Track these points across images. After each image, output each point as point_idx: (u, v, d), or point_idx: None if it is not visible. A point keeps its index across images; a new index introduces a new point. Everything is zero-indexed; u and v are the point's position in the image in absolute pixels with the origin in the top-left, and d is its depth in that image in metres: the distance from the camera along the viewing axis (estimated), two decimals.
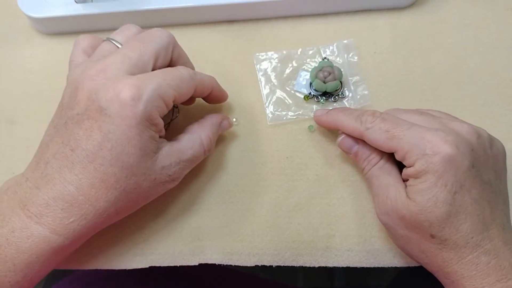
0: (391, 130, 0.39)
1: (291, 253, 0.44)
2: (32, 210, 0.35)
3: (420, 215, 0.36)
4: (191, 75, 0.40)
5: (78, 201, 0.35)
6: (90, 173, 0.35)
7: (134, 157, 0.35)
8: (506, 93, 0.49)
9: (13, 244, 0.34)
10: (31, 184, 0.36)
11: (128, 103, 0.34)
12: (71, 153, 0.35)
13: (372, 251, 0.44)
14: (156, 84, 0.36)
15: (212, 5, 0.51)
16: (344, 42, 0.51)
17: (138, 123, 0.35)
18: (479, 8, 0.53)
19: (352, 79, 0.50)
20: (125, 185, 0.36)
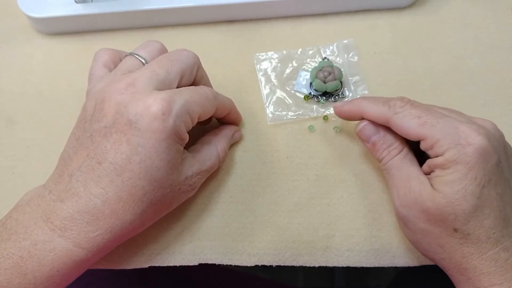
0: (423, 116, 0.38)
1: (291, 253, 0.44)
2: (56, 223, 0.34)
3: (447, 208, 0.35)
4: (214, 95, 0.40)
5: (104, 215, 0.34)
6: (117, 186, 0.34)
7: (162, 170, 0.35)
8: (506, 93, 0.49)
9: (35, 257, 0.34)
10: (54, 196, 0.35)
11: (159, 117, 0.34)
12: (98, 166, 0.35)
13: (372, 251, 0.44)
14: (184, 100, 0.36)
15: (212, 5, 0.51)
16: (344, 42, 0.51)
17: (167, 137, 0.35)
18: (479, 8, 0.53)
19: (352, 79, 0.50)
20: (152, 197, 0.36)
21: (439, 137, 0.36)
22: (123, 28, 0.54)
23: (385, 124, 0.41)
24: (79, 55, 0.53)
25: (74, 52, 0.53)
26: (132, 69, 0.39)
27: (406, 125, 0.38)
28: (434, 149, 0.37)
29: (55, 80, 0.52)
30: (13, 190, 0.48)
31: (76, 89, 0.51)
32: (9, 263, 0.34)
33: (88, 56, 0.52)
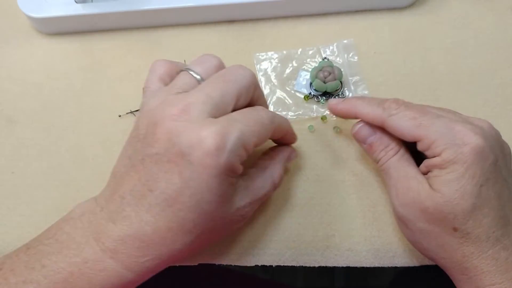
0: (418, 118, 0.38)
1: (291, 253, 0.44)
2: (107, 244, 0.34)
3: (445, 207, 0.35)
4: (271, 118, 0.38)
5: (154, 242, 0.34)
6: (168, 216, 0.34)
7: (213, 204, 0.34)
8: (506, 93, 0.49)
9: (85, 275, 0.34)
10: (106, 216, 0.35)
11: (212, 152, 0.32)
12: (149, 193, 0.34)
13: (372, 251, 0.44)
14: (239, 132, 0.34)
15: (212, 5, 0.51)
16: (344, 42, 0.51)
17: (220, 173, 0.33)
18: (479, 8, 0.53)
19: (352, 79, 0.50)
20: (202, 229, 0.35)
21: (435, 138, 0.37)
22: (123, 28, 0.54)
23: (380, 125, 0.41)
24: (79, 55, 0.53)
25: (74, 52, 0.53)
26: (187, 88, 0.38)
27: (401, 127, 0.38)
28: (431, 149, 0.37)
29: (55, 80, 0.52)
30: (13, 190, 0.48)
31: (76, 89, 0.51)
32: (59, 277, 0.34)
33: (88, 56, 0.53)
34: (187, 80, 0.38)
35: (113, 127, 0.49)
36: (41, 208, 0.47)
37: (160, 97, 0.37)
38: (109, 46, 0.53)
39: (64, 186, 0.48)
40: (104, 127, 0.50)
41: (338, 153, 0.47)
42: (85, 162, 0.48)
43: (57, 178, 0.48)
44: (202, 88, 0.36)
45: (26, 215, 0.47)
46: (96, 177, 0.48)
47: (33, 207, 0.47)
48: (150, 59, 0.52)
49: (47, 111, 0.51)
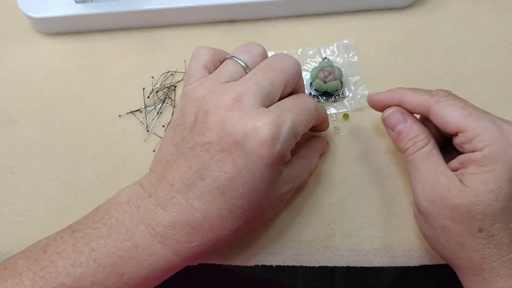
0: (467, 108, 0.37)
1: (291, 252, 0.44)
2: (157, 230, 0.35)
3: (477, 206, 0.35)
4: (316, 107, 0.39)
5: (203, 228, 0.35)
6: (219, 203, 0.35)
7: (263, 191, 0.35)
8: (506, 93, 0.49)
9: (135, 259, 0.34)
10: (155, 202, 0.36)
11: (268, 142, 0.33)
12: (200, 181, 0.35)
13: (372, 251, 0.44)
14: (291, 122, 0.35)
15: (212, 5, 0.51)
16: (344, 42, 0.51)
17: (273, 162, 0.34)
18: (479, 8, 0.53)
19: (352, 79, 0.50)
20: (250, 215, 0.36)
21: (481, 131, 0.35)
22: (123, 28, 0.54)
23: (424, 113, 0.39)
24: (79, 55, 0.53)
25: (74, 52, 0.53)
26: (234, 77, 0.38)
27: (448, 114, 0.37)
28: (473, 143, 0.36)
29: (55, 80, 0.52)
30: (13, 190, 0.48)
31: (76, 89, 0.51)
32: (108, 261, 0.34)
33: (88, 56, 0.53)
34: (234, 69, 0.39)
35: (113, 127, 0.49)
36: (41, 208, 0.47)
37: (208, 86, 0.37)
38: (109, 46, 0.53)
39: (64, 186, 0.48)
40: (104, 127, 0.50)
41: (338, 153, 0.47)
42: (85, 162, 0.48)
43: (57, 178, 0.48)
44: (252, 77, 0.37)
45: (26, 215, 0.47)
46: (96, 177, 0.48)
47: (33, 207, 0.47)
48: (150, 59, 0.52)
49: (47, 111, 0.51)
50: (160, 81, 0.51)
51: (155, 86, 0.51)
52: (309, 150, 0.43)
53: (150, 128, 0.49)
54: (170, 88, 0.50)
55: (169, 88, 0.50)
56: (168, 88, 0.50)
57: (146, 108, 0.50)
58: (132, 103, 0.50)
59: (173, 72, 0.51)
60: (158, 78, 0.51)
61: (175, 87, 0.51)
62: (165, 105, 0.50)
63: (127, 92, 0.51)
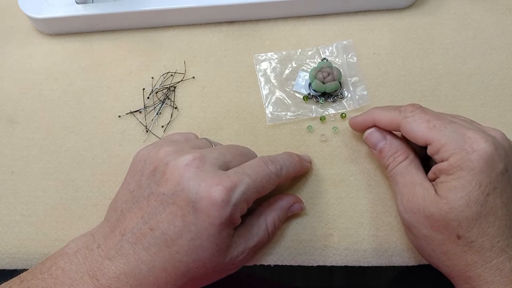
0: (432, 120, 0.38)
1: (289, 252, 0.44)
2: (101, 281, 0.34)
3: (450, 214, 0.35)
4: (278, 173, 0.40)
5: (147, 281, 0.35)
6: (164, 257, 0.35)
7: (209, 251, 0.35)
8: (505, 94, 0.49)
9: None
10: (103, 253, 0.35)
11: (218, 204, 0.34)
12: (150, 232, 0.35)
13: (370, 250, 0.44)
14: (245, 188, 0.36)
15: (212, 6, 0.51)
16: (343, 43, 0.51)
17: (221, 223, 0.35)
18: (478, 9, 0.53)
19: (351, 80, 0.50)
20: (194, 274, 0.36)
21: (445, 142, 0.36)
22: (124, 29, 0.54)
23: (396, 129, 0.41)
24: (80, 56, 0.53)
25: (74, 53, 0.53)
26: (202, 147, 0.40)
27: (415, 128, 0.39)
28: (440, 153, 0.37)
29: (55, 80, 0.52)
30: (12, 190, 0.48)
31: (76, 89, 0.51)
32: None
33: (88, 57, 0.53)
34: (204, 142, 0.41)
35: (113, 127, 0.50)
36: (40, 207, 0.47)
37: (177, 145, 0.39)
38: (109, 46, 0.53)
39: (63, 186, 0.48)
40: (104, 127, 0.50)
41: (337, 153, 0.47)
42: (85, 162, 0.48)
43: (57, 178, 0.48)
44: (216, 148, 0.39)
45: (26, 214, 0.47)
46: (96, 177, 0.48)
47: (33, 207, 0.47)
48: (150, 60, 0.52)
49: (47, 111, 0.51)
50: (160, 81, 0.51)
51: (155, 87, 0.51)
52: (268, 207, 0.43)
53: (149, 129, 0.49)
54: (170, 88, 0.51)
55: (168, 88, 0.51)
56: (168, 89, 0.51)
57: (146, 109, 0.50)
58: (131, 104, 0.50)
59: (173, 73, 0.51)
60: (157, 78, 0.51)
61: (175, 88, 0.51)
62: (164, 106, 0.50)
63: (127, 93, 0.51)
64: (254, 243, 0.40)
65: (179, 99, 0.51)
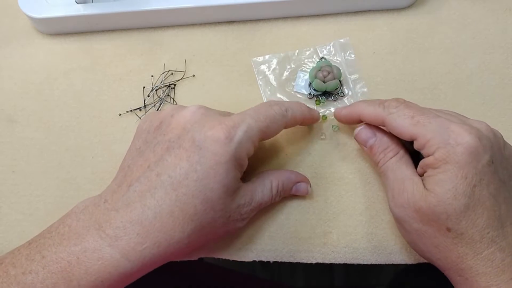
0: (416, 116, 0.38)
1: (288, 249, 0.44)
2: (107, 232, 0.34)
3: (438, 207, 0.36)
4: (283, 113, 0.41)
5: (154, 228, 0.35)
6: (171, 200, 0.35)
7: (216, 192, 0.36)
8: (504, 93, 0.49)
9: (83, 264, 0.34)
10: (109, 206, 0.36)
11: (222, 141, 0.36)
12: (156, 178, 0.35)
13: (370, 248, 0.44)
14: (247, 126, 0.37)
15: (212, 5, 0.51)
16: (341, 41, 0.52)
17: (227, 161, 0.36)
18: (478, 9, 0.53)
19: (351, 77, 0.50)
20: (202, 219, 0.36)
21: (430, 137, 0.37)
22: (124, 29, 0.54)
23: (381, 125, 0.41)
24: (80, 55, 0.53)
25: (74, 52, 0.53)
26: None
27: (399, 124, 0.39)
28: (426, 148, 0.37)
29: (55, 80, 0.52)
30: (13, 189, 0.48)
31: (77, 88, 0.52)
32: (57, 267, 0.34)
33: (88, 56, 0.53)
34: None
35: (113, 126, 0.50)
36: (41, 206, 0.47)
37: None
38: (109, 46, 0.54)
39: (64, 185, 0.48)
40: (105, 126, 0.50)
41: (336, 151, 0.47)
42: (85, 161, 0.49)
43: (58, 177, 0.48)
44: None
45: (27, 213, 0.47)
46: (96, 175, 0.48)
47: (34, 206, 0.47)
48: (150, 59, 0.52)
49: (47, 110, 0.51)
50: (160, 80, 0.51)
51: (155, 85, 0.51)
52: (275, 172, 0.43)
53: None
54: (170, 86, 0.51)
55: (168, 86, 0.51)
56: (168, 87, 0.51)
57: (146, 107, 0.50)
58: (132, 102, 0.51)
59: (173, 71, 0.52)
60: (158, 77, 0.51)
61: (175, 86, 0.51)
62: (164, 103, 0.50)
63: (127, 91, 0.51)
64: (259, 199, 0.41)
65: (179, 97, 0.51)
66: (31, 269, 0.34)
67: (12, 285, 0.34)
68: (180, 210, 0.35)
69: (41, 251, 0.35)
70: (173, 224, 0.35)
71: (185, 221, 0.35)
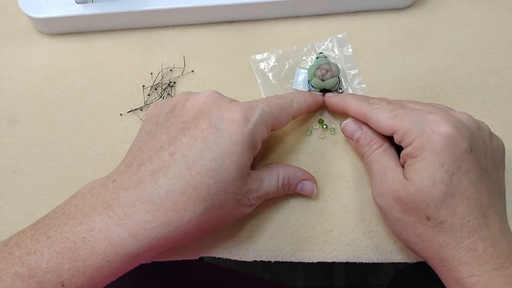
0: (395, 110, 0.39)
1: (289, 248, 0.44)
2: (115, 211, 0.34)
3: (417, 195, 0.36)
4: (289, 103, 0.42)
5: (166, 206, 0.34)
6: (184, 179, 0.35)
7: (231, 173, 0.36)
8: (504, 92, 0.49)
9: (88, 244, 0.33)
10: (118, 185, 0.36)
11: (239, 121, 0.36)
12: (169, 157, 0.35)
13: (371, 246, 0.44)
14: (262, 110, 0.38)
15: (212, 5, 0.51)
16: (338, 36, 0.52)
17: (243, 142, 0.36)
18: (478, 8, 0.53)
19: (350, 73, 0.50)
20: (215, 199, 0.36)
21: (408, 127, 0.38)
22: (124, 29, 0.54)
23: (363, 120, 0.42)
24: (80, 55, 0.53)
25: (74, 52, 0.53)
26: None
27: (380, 119, 0.40)
28: (405, 139, 0.38)
29: (56, 79, 0.52)
30: (14, 189, 0.48)
31: (77, 88, 0.52)
32: (62, 247, 0.33)
33: (88, 56, 0.53)
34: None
35: (114, 125, 0.50)
36: (43, 206, 0.47)
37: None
38: (109, 46, 0.54)
39: (65, 184, 0.48)
40: (106, 126, 0.50)
41: (336, 149, 0.47)
42: (87, 160, 0.49)
43: (59, 177, 0.48)
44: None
45: (28, 213, 0.47)
46: (98, 175, 0.48)
47: (35, 205, 0.47)
48: (150, 59, 0.52)
49: (48, 110, 0.51)
50: (159, 77, 0.51)
51: (155, 82, 0.51)
52: (283, 165, 0.44)
53: None
54: (170, 84, 0.51)
55: (168, 84, 0.51)
56: (168, 85, 0.51)
57: (147, 106, 0.50)
58: (132, 101, 0.51)
59: (172, 68, 0.52)
60: (157, 74, 0.51)
61: (175, 83, 0.51)
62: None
63: (127, 90, 0.51)
64: (266, 187, 0.41)
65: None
66: (36, 250, 0.34)
67: (16, 266, 0.33)
68: (193, 189, 0.35)
69: (46, 232, 0.34)
70: (185, 203, 0.35)
71: (198, 200, 0.35)
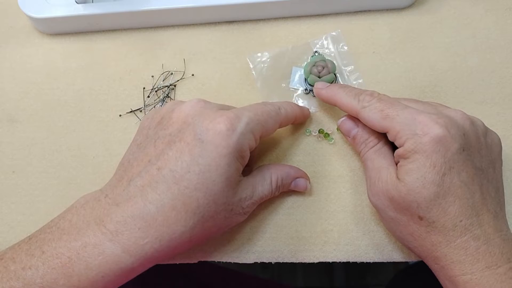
0: (385, 109, 0.39)
1: (289, 249, 0.44)
2: (108, 227, 0.34)
3: (408, 196, 0.36)
4: (276, 110, 0.41)
5: (156, 222, 0.34)
6: (173, 194, 0.35)
7: (219, 186, 0.36)
8: (504, 92, 0.49)
9: (83, 260, 0.34)
10: (110, 200, 0.36)
11: (224, 132, 0.35)
12: (157, 172, 0.35)
13: (372, 245, 0.44)
14: (248, 118, 0.37)
15: (212, 5, 0.51)
16: (333, 34, 0.52)
17: (229, 153, 0.36)
18: (478, 8, 0.53)
19: (346, 69, 0.50)
20: (205, 212, 0.36)
21: (399, 129, 0.38)
22: (124, 28, 0.54)
23: (355, 116, 0.42)
24: (80, 55, 0.53)
25: (74, 52, 0.53)
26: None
27: (371, 118, 0.40)
28: (397, 140, 0.38)
29: (56, 79, 0.52)
30: (14, 189, 0.48)
31: (77, 88, 0.52)
32: (57, 262, 0.34)
33: (88, 56, 0.53)
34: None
35: (113, 126, 0.50)
36: (42, 206, 0.47)
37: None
38: (109, 46, 0.54)
39: (65, 185, 0.48)
40: (105, 126, 0.50)
41: (335, 149, 0.47)
42: (86, 161, 0.49)
43: (58, 177, 0.48)
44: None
45: (27, 213, 0.47)
46: (97, 175, 0.48)
47: (34, 206, 0.47)
48: (150, 59, 0.52)
49: (48, 110, 0.51)
50: (160, 80, 0.51)
51: (155, 86, 0.51)
52: (274, 166, 0.43)
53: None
54: (170, 87, 0.51)
55: (168, 87, 0.51)
56: (168, 87, 0.51)
57: (146, 108, 0.50)
58: (132, 102, 0.51)
59: (173, 72, 0.52)
60: (157, 77, 0.51)
61: (175, 86, 0.51)
62: (164, 104, 0.50)
63: (127, 91, 0.51)
64: (260, 192, 0.41)
65: (179, 97, 0.51)
66: (31, 265, 0.34)
67: (11, 280, 0.33)
68: (182, 204, 0.35)
69: (41, 246, 0.35)
70: (175, 218, 0.35)
71: (187, 215, 0.35)
